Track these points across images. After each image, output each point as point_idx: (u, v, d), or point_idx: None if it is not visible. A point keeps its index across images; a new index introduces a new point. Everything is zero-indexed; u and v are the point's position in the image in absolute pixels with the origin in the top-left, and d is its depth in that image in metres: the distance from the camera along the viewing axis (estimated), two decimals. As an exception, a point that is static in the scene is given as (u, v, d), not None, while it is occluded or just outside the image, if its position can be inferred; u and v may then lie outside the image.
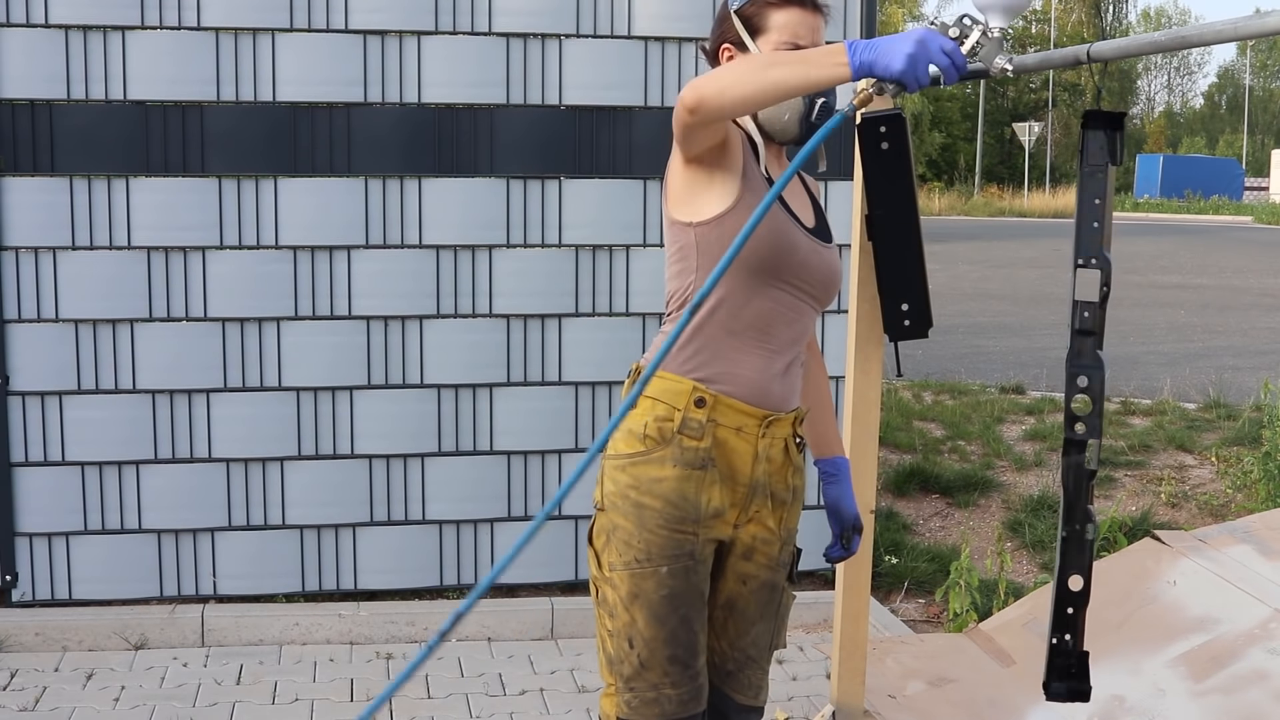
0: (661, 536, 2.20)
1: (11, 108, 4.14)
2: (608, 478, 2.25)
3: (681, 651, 2.22)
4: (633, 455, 2.21)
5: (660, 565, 2.20)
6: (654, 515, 2.20)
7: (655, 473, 2.20)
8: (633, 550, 2.20)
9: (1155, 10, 77.06)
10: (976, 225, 30.71)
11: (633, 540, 2.21)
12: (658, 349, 2.13)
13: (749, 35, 2.25)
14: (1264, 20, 1.73)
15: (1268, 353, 10.48)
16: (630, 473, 2.22)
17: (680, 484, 2.20)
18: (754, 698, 2.38)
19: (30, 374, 4.22)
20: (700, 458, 2.20)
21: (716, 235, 2.19)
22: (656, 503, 2.20)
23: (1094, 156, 2.07)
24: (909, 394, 7.52)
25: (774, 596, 2.36)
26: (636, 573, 2.20)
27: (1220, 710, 3.13)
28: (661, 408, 2.21)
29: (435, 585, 4.49)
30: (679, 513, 2.20)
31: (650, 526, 2.20)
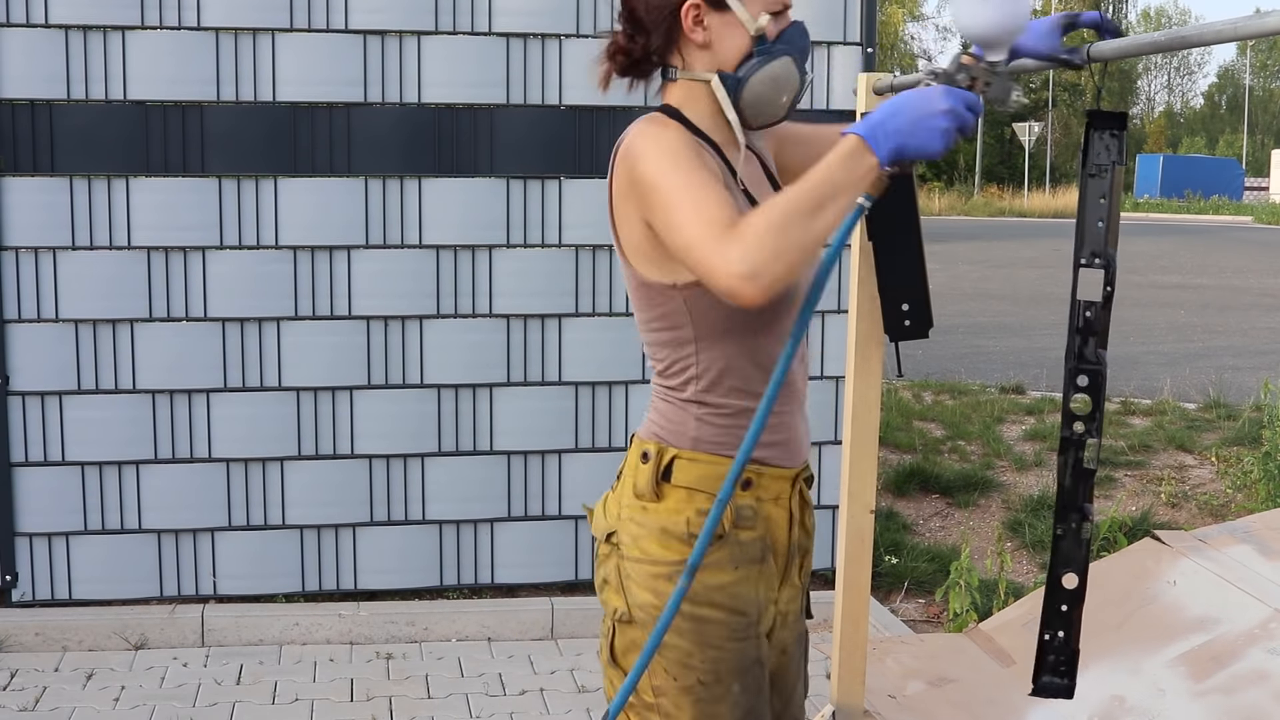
0: (729, 651, 1.85)
1: (11, 108, 4.14)
2: (642, 587, 1.85)
3: None
4: (682, 562, 1.81)
5: (732, 684, 1.85)
6: (718, 629, 1.84)
7: (713, 579, 1.83)
8: (694, 672, 1.84)
9: (1155, 10, 77.11)
10: (976, 225, 30.72)
11: (693, 660, 1.84)
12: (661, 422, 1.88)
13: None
14: (1264, 20, 1.72)
15: (1268, 353, 10.48)
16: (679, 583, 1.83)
17: (743, 586, 1.86)
18: None
19: (30, 374, 4.22)
20: (759, 550, 1.88)
21: (712, 299, 1.78)
22: (720, 614, 1.84)
23: (1099, 157, 2.07)
24: (909, 394, 7.52)
25: (803, 644, 2.07)
26: (703, 697, 1.84)
27: (1220, 710, 3.13)
28: (701, 499, 1.84)
29: (435, 585, 4.49)
30: (745, 619, 1.86)
31: (715, 642, 1.84)
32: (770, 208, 1.63)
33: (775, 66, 1.83)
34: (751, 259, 1.59)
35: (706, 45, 1.85)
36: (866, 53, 4.50)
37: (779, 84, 1.84)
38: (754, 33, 1.83)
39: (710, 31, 1.84)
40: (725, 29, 1.84)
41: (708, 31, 1.84)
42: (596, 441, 4.50)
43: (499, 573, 4.52)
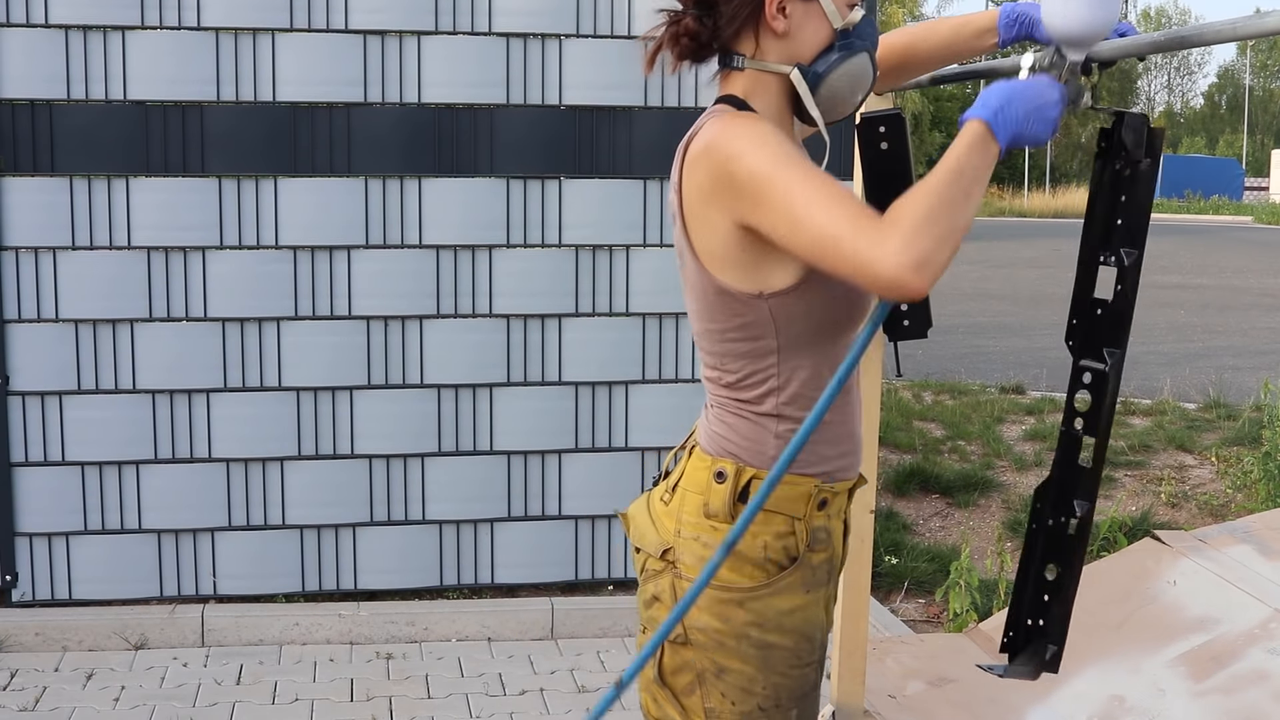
0: (793, 678, 1.81)
1: (11, 108, 4.14)
2: (709, 612, 1.76)
3: None
4: (754, 590, 1.76)
5: (790, 710, 1.82)
6: (785, 656, 1.79)
7: (785, 604, 1.77)
8: (754, 698, 1.78)
9: (1155, 10, 77.09)
10: (976, 225, 30.59)
11: (754, 686, 1.78)
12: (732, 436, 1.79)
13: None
14: (1264, 20, 1.72)
15: (1268, 353, 10.48)
16: (751, 608, 1.76)
17: (811, 610, 1.81)
18: None
19: (30, 374, 4.22)
20: (829, 570, 1.83)
21: (802, 307, 1.72)
22: (788, 640, 1.79)
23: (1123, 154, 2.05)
24: (909, 394, 7.52)
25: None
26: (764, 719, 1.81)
27: (1220, 710, 3.13)
28: (779, 520, 1.76)
29: (435, 585, 4.49)
30: (810, 644, 1.82)
31: (780, 669, 1.79)
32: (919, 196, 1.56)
33: (855, 63, 1.75)
34: (918, 247, 1.51)
35: (785, 35, 1.74)
36: (866, 53, 4.50)
37: (856, 81, 1.77)
38: (839, 27, 1.75)
39: (791, 21, 1.74)
40: (807, 20, 1.74)
41: (789, 21, 1.74)
42: (596, 441, 4.50)
43: (499, 573, 4.52)
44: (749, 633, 1.75)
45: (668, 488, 1.86)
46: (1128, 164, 1.96)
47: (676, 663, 1.80)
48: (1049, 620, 2.06)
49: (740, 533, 1.69)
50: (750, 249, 1.68)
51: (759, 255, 1.69)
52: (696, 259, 1.74)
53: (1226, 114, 74.11)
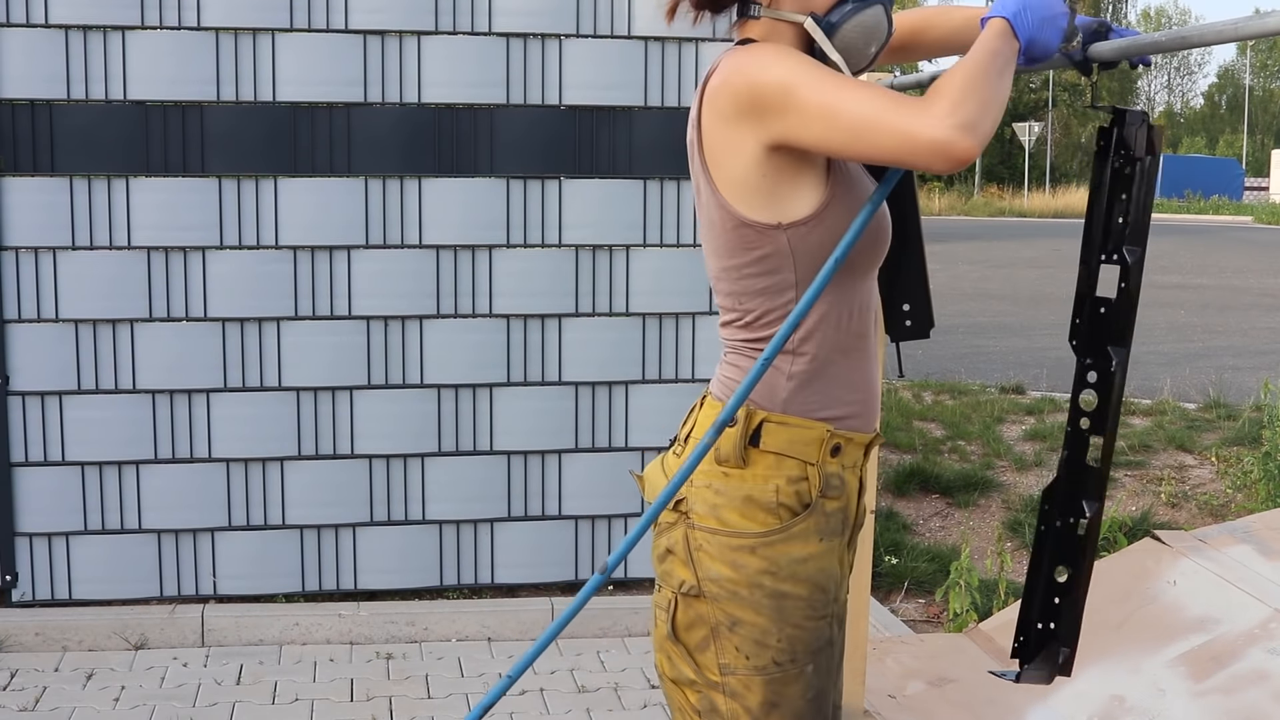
0: (808, 630, 1.76)
1: (11, 108, 4.14)
2: (716, 560, 1.74)
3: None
4: (767, 535, 1.73)
5: (806, 664, 1.76)
6: (799, 606, 1.75)
7: (799, 551, 1.74)
8: (769, 651, 1.74)
9: (1155, 10, 77.09)
10: (976, 225, 30.72)
11: (769, 639, 1.74)
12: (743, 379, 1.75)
13: None
14: (1264, 20, 1.72)
15: (1268, 353, 10.48)
16: (764, 555, 1.73)
17: (825, 560, 1.77)
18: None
19: (30, 374, 4.22)
20: (843, 520, 1.80)
21: (820, 235, 1.72)
22: (802, 589, 1.75)
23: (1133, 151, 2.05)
24: (909, 394, 7.52)
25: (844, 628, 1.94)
26: (776, 677, 1.75)
27: (1220, 710, 3.13)
28: (792, 465, 1.74)
29: (435, 585, 4.49)
30: (825, 596, 1.77)
31: (795, 620, 1.75)
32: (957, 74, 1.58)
33: (869, 14, 1.75)
34: (965, 110, 1.54)
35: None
36: (866, 53, 4.50)
37: (869, 33, 1.75)
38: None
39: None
40: None
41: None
42: (596, 441, 4.50)
43: (499, 573, 4.52)
44: (762, 581, 1.72)
45: (680, 440, 1.85)
46: (1128, 161, 1.97)
47: (690, 617, 1.76)
48: (1060, 623, 2.06)
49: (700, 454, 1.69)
50: (772, 174, 1.69)
51: (780, 182, 1.69)
52: (716, 192, 1.73)
53: (1226, 114, 74.11)
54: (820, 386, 1.75)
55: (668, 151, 4.45)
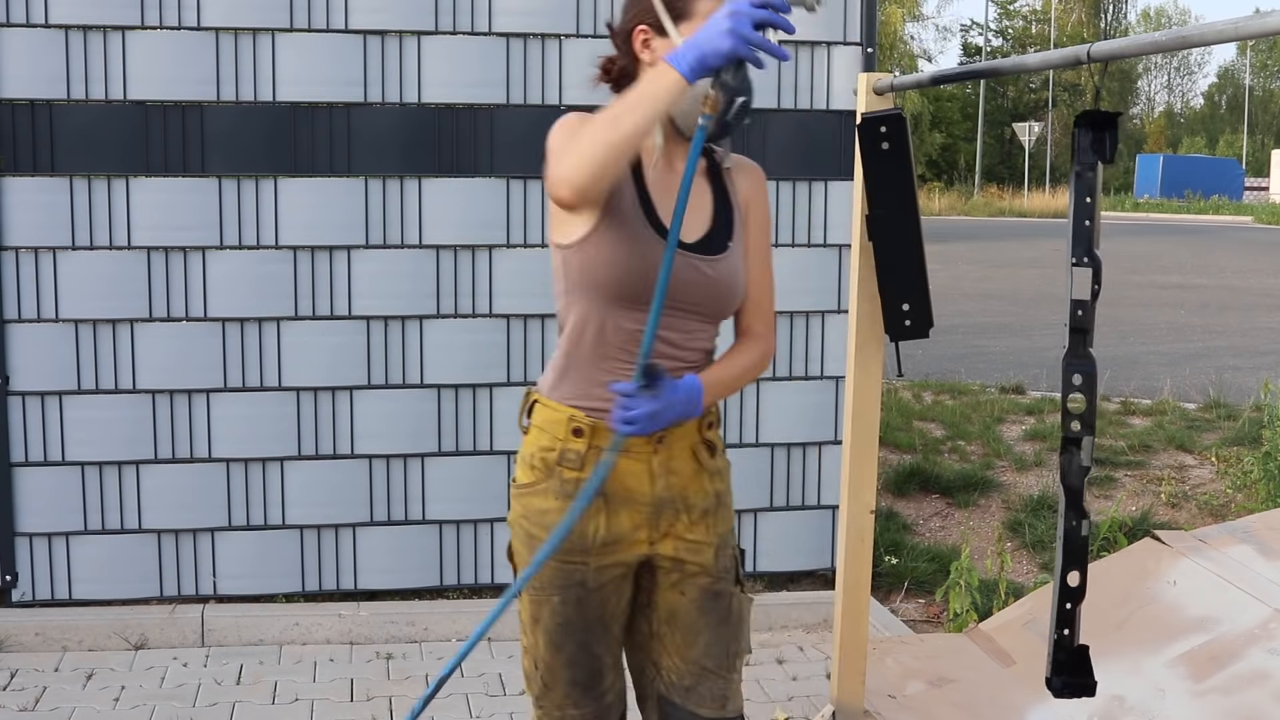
0: (551, 568, 2.18)
1: (11, 108, 4.14)
2: (512, 501, 2.27)
3: (581, 674, 2.24)
4: (524, 486, 2.22)
5: (552, 595, 2.20)
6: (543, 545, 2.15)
7: (540, 504, 2.19)
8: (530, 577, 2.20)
9: (1155, 10, 77.08)
10: (976, 225, 30.71)
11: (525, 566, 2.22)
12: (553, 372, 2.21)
13: (671, 19, 2.08)
14: (1264, 20, 1.73)
15: (1268, 353, 10.48)
16: (522, 503, 2.22)
17: (563, 516, 2.13)
18: (720, 708, 2.27)
19: (30, 374, 4.22)
20: (579, 489, 2.14)
21: (578, 261, 2.11)
22: (543, 534, 2.17)
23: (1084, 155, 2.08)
24: (909, 394, 7.52)
25: (719, 603, 2.25)
26: (534, 599, 2.23)
27: (1220, 710, 3.13)
28: (544, 437, 2.20)
29: (435, 585, 4.49)
30: (565, 544, 2.15)
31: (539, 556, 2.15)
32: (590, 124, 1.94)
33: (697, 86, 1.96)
34: (564, 166, 1.94)
35: (653, 65, 2.10)
36: (866, 53, 4.51)
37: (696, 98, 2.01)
38: None
39: (655, 54, 2.11)
40: (664, 52, 2.07)
41: (654, 54, 2.12)
42: (596, 441, 4.50)
43: (499, 573, 4.52)
44: (521, 523, 2.23)
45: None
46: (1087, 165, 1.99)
47: (510, 546, 2.29)
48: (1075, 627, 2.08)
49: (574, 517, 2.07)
50: (554, 212, 2.12)
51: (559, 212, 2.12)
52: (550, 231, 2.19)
53: (1226, 114, 74.10)
54: (573, 382, 2.17)
55: (668, 151, 4.44)
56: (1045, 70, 2.21)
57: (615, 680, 2.30)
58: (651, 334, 1.99)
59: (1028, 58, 2.55)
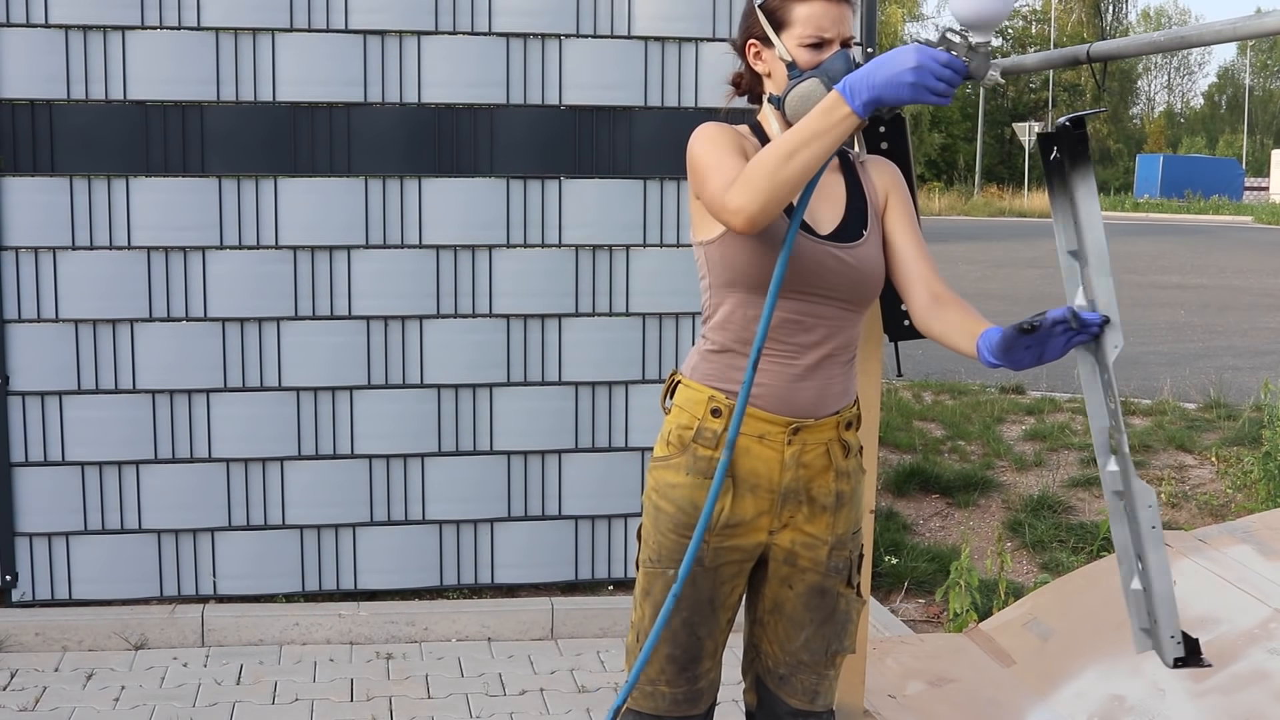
0: (671, 540, 2.27)
1: (11, 108, 4.14)
2: (647, 475, 2.35)
3: (680, 653, 2.28)
4: (658, 460, 2.30)
5: (668, 568, 2.27)
6: (667, 519, 2.27)
7: (672, 478, 2.27)
8: (648, 549, 2.30)
9: (1155, 10, 77.09)
10: (976, 225, 30.71)
11: (649, 540, 2.30)
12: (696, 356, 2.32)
13: (773, 30, 2.23)
14: (1264, 20, 1.73)
15: (1268, 353, 10.48)
16: (654, 475, 2.31)
17: (692, 491, 2.25)
18: (808, 702, 2.37)
19: (30, 374, 4.22)
20: (714, 467, 2.23)
21: (719, 255, 2.24)
22: (670, 507, 2.27)
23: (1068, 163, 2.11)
24: (909, 394, 7.52)
25: (825, 601, 2.34)
26: (649, 571, 2.30)
27: (1220, 710, 3.13)
28: (684, 415, 2.28)
29: (435, 585, 4.49)
30: (689, 519, 2.25)
31: (663, 529, 2.28)
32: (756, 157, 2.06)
33: (801, 87, 2.18)
34: (735, 195, 2.06)
35: (768, 74, 2.28)
36: (866, 53, 4.50)
37: (804, 99, 2.17)
38: (788, 60, 2.21)
39: (767, 64, 2.27)
40: (775, 61, 2.25)
41: (766, 64, 2.28)
42: (596, 441, 4.50)
43: (499, 573, 4.52)
44: (651, 495, 2.31)
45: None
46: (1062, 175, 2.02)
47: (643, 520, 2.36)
48: None
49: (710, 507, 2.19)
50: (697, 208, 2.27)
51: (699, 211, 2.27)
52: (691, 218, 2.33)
53: (1226, 114, 74.09)
54: (716, 365, 2.27)
55: (667, 151, 4.45)
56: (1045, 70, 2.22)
57: (712, 668, 2.36)
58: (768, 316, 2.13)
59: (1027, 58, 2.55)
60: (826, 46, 2.20)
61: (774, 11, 2.23)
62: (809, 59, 2.20)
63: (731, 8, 4.39)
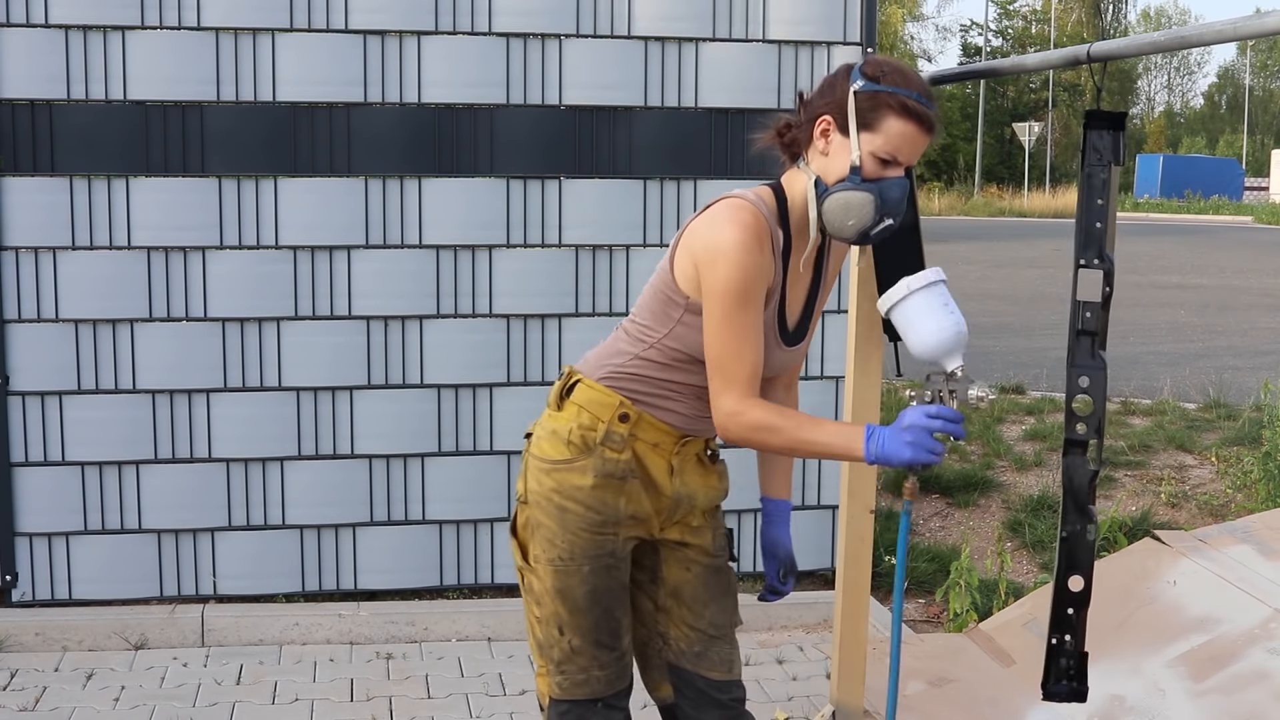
0: (584, 539, 2.32)
1: (11, 108, 4.14)
2: (532, 476, 2.37)
3: (606, 637, 2.37)
4: (557, 462, 2.33)
5: (583, 565, 2.33)
6: (576, 519, 2.32)
7: (577, 480, 2.31)
8: (556, 549, 2.33)
9: (1155, 10, 77.08)
10: (976, 225, 30.70)
11: (556, 540, 2.33)
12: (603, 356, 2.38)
13: (856, 124, 2.20)
14: (1264, 20, 1.73)
15: (1268, 353, 10.48)
16: (555, 478, 2.33)
17: (600, 492, 2.31)
18: (728, 671, 2.47)
19: (30, 374, 4.22)
20: (621, 469, 2.32)
21: (694, 321, 2.27)
22: (578, 508, 2.31)
23: (1095, 157, 2.07)
24: (909, 394, 7.52)
25: (720, 578, 2.48)
26: (560, 569, 2.34)
27: (1220, 710, 3.13)
28: (586, 417, 2.33)
29: (435, 585, 4.49)
30: (600, 517, 2.32)
31: (573, 529, 2.32)
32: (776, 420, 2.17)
33: (854, 196, 2.19)
34: (738, 423, 2.19)
35: (825, 154, 2.24)
36: (866, 53, 4.50)
37: (849, 210, 2.20)
38: (853, 162, 2.19)
39: (830, 145, 2.23)
40: (840, 150, 2.22)
41: (829, 145, 2.24)
42: (596, 441, 4.50)
43: (499, 573, 4.52)
44: (552, 497, 2.32)
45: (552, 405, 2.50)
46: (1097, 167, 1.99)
47: (523, 519, 2.40)
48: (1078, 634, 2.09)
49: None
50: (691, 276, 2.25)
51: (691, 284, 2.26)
52: (673, 257, 2.30)
53: (1226, 114, 74.08)
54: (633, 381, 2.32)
55: (668, 151, 4.45)
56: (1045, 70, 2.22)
57: (629, 640, 2.45)
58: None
59: (1027, 58, 2.55)
60: (894, 166, 2.22)
61: (866, 110, 2.19)
62: (874, 170, 2.20)
63: (731, 7, 4.39)
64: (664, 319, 2.30)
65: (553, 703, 2.40)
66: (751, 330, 2.19)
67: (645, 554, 2.44)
